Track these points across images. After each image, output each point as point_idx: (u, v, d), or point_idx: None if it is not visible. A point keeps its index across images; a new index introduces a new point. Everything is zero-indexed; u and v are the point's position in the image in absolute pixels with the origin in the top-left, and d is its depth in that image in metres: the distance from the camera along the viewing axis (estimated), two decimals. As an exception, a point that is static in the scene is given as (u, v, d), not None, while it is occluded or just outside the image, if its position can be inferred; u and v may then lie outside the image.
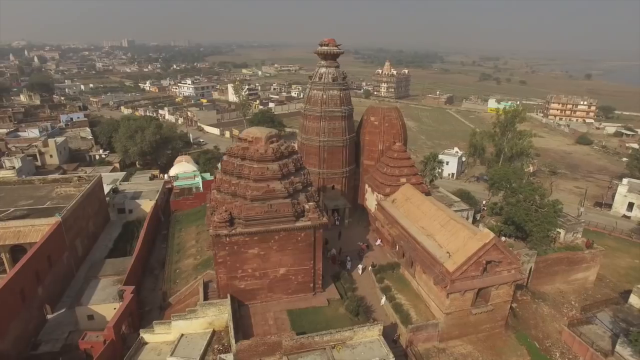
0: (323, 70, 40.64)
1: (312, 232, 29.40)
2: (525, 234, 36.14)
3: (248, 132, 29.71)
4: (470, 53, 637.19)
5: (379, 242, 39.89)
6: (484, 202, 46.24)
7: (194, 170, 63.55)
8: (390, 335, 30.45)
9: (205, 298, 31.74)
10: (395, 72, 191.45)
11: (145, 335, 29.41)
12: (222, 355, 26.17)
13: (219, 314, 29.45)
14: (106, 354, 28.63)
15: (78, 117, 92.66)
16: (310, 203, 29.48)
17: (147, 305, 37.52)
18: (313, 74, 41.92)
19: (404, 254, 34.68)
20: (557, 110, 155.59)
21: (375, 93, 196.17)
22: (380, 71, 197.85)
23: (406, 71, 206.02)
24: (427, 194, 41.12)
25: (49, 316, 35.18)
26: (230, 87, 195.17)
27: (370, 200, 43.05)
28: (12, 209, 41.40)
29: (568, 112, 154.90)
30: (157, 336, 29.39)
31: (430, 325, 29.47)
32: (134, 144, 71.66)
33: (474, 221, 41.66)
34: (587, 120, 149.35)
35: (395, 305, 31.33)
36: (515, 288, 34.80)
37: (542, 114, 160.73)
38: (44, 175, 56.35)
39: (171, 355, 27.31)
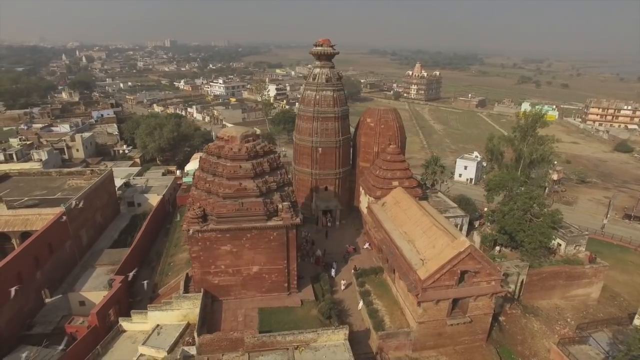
0: (317, 70, 40.63)
1: (285, 231, 29.49)
2: (517, 244, 34.45)
3: (225, 131, 30.25)
4: (513, 55, 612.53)
5: (367, 245, 39.37)
6: (485, 209, 44.42)
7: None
8: (364, 340, 30.09)
9: (186, 291, 32.53)
10: (425, 74, 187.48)
11: (124, 324, 30.55)
12: (186, 348, 26.77)
13: (193, 308, 30.08)
14: (88, 339, 29.96)
15: (108, 114, 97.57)
16: (285, 203, 29.57)
17: (139, 296, 38.94)
18: (308, 74, 41.92)
19: (387, 259, 34.01)
20: (597, 115, 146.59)
21: (405, 95, 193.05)
22: (410, 73, 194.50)
23: (437, 73, 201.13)
24: (421, 198, 40.19)
25: (47, 300, 37.32)
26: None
27: (364, 202, 42.53)
28: (26, 199, 44.32)
29: (609, 118, 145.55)
30: (134, 325, 30.43)
31: (401, 333, 28.75)
32: (153, 140, 74.55)
33: (471, 229, 40.14)
34: (630, 127, 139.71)
35: (370, 311, 30.82)
36: (503, 301, 33.54)
37: (580, 119, 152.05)
38: (67, 168, 59.92)
39: (143, 344, 28.18)
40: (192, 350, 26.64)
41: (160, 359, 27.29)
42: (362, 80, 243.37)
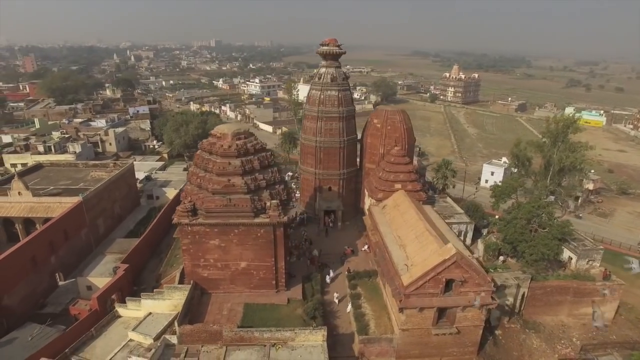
0: (323, 70, 40.55)
1: (272, 229, 29.68)
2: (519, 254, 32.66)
3: (218, 128, 30.93)
4: (565, 57, 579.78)
5: (365, 247, 38.83)
6: (497, 217, 42.33)
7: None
8: (348, 344, 29.74)
9: (181, 283, 33.64)
10: (463, 76, 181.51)
11: (120, 309, 32.04)
12: (168, 336, 27.63)
13: (183, 298, 30.99)
14: (88, 321, 31.67)
15: (143, 110, 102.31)
16: (274, 201, 29.77)
17: (144, 284, 40.62)
18: (314, 73, 41.95)
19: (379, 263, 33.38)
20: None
21: (441, 97, 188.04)
22: (447, 75, 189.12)
23: (476, 75, 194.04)
24: (425, 202, 39.10)
25: (61, 283, 39.83)
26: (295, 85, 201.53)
27: (367, 204, 41.94)
28: (52, 187, 47.46)
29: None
30: (129, 311, 31.83)
31: (384, 339, 28.16)
32: (179, 136, 77.34)
33: (479, 236, 38.46)
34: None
35: (357, 314, 30.45)
36: (501, 314, 32.00)
37: (631, 126, 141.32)
38: (98, 161, 63.63)
39: (133, 329, 29.46)
40: (174, 340, 27.50)
41: (146, 345, 28.37)
42: (399, 82, 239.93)
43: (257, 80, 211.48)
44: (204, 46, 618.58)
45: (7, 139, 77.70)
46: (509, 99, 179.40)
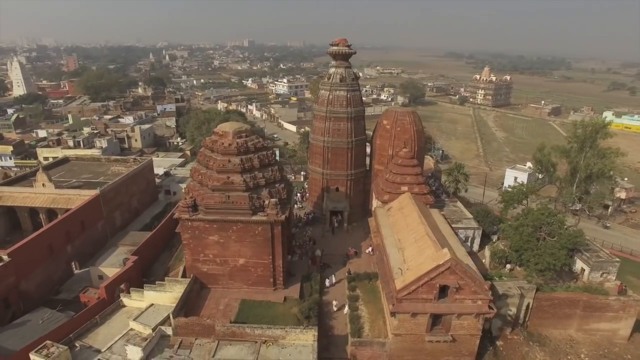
0: (332, 70, 40.49)
1: (270, 227, 29.93)
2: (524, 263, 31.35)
3: (221, 127, 31.53)
4: (609, 58, 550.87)
5: (369, 249, 38.44)
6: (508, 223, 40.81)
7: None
8: (342, 345, 29.57)
9: (184, 276, 34.52)
10: (494, 78, 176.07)
11: (124, 299, 33.18)
12: (164, 327, 28.39)
13: (182, 291, 31.83)
14: (95, 309, 33.05)
15: (170, 108, 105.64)
16: (272, 199, 30.02)
17: (154, 277, 41.91)
18: (325, 73, 41.94)
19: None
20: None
21: (471, 100, 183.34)
22: (477, 77, 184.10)
23: (508, 77, 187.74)
24: (433, 206, 38.30)
25: (76, 271, 41.76)
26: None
27: (374, 206, 41.53)
28: (74, 180, 49.88)
29: None
30: (133, 301, 32.91)
31: (376, 343, 27.81)
32: (200, 134, 79.24)
33: (486, 243, 37.19)
34: None
35: (352, 316, 30.21)
36: (503, 324, 30.90)
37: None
38: (123, 156, 66.32)
39: (134, 319, 30.44)
40: (169, 331, 28.26)
41: (145, 335, 29.27)
42: (428, 84, 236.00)
43: (285, 80, 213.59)
44: (237, 46, 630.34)
45: (42, 133, 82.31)
46: (542, 102, 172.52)
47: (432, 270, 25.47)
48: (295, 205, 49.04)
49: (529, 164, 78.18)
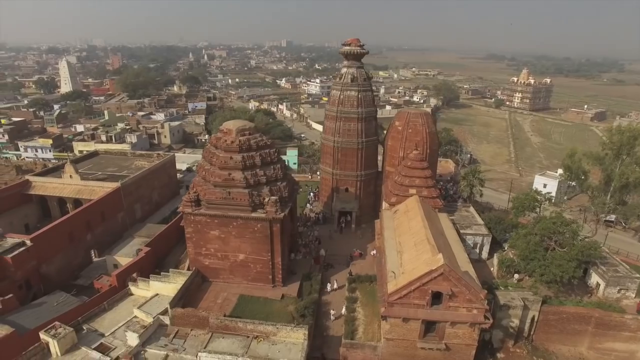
0: (344, 70, 40.34)
1: (268, 224, 30.26)
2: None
3: (225, 124, 32.25)
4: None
5: (374, 252, 37.98)
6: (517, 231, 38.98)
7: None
8: (336, 347, 29.43)
9: (190, 269, 35.57)
10: (532, 81, 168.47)
11: (132, 288, 34.63)
12: (162, 316, 29.38)
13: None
14: (106, 295, 34.68)
15: (201, 106, 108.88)
16: (273, 197, 30.35)
17: (166, 268, 43.38)
18: (336, 73, 41.88)
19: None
20: None
21: (507, 103, 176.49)
22: (515, 79, 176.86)
23: (548, 80, 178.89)
24: (442, 210, 37.38)
25: (95, 259, 43.98)
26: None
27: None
28: (99, 173, 52.52)
29: None
30: (140, 290, 34.30)
31: (367, 346, 27.49)
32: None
33: (497, 250, 35.76)
34: None
35: (348, 318, 30.04)
36: (504, 336, 29.69)
37: None
38: (150, 151, 69.12)
39: (138, 307, 31.77)
40: (167, 320, 29.23)
41: (146, 323, 30.43)
42: (464, 86, 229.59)
43: (317, 80, 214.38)
44: (274, 46, 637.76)
45: (80, 128, 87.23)
46: (585, 106, 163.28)
47: (425, 275, 24.88)
48: (308, 205, 49.33)
49: (560, 171, 74.29)
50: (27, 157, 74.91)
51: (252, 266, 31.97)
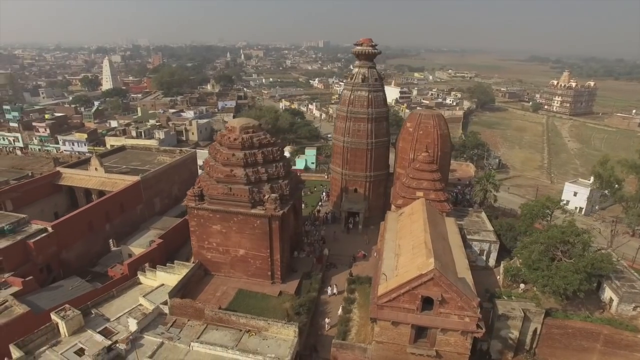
0: (355, 70, 40.19)
1: (267, 221, 30.70)
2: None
3: (230, 122, 33.03)
4: None
5: (375, 253, 37.55)
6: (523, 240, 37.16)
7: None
8: (329, 346, 29.41)
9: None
10: (574, 84, 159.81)
11: (141, 277, 36.13)
12: (162, 305, 30.47)
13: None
14: (117, 283, 36.43)
15: (230, 104, 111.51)
16: (273, 194, 30.77)
17: (178, 260, 44.86)
18: (348, 73, 41.77)
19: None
20: None
21: (545, 107, 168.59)
22: (555, 82, 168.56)
23: (592, 83, 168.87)
24: (449, 214, 36.47)
25: (113, 248, 46.19)
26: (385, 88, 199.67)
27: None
28: (124, 167, 55.08)
29: None
30: (147, 280, 35.73)
31: (357, 347, 27.26)
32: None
33: (504, 258, 34.33)
34: None
35: (343, 319, 29.95)
36: (503, 347, 28.59)
37: None
38: (176, 148, 71.68)
39: (143, 296, 33.12)
40: (165, 309, 30.30)
41: (148, 311, 31.68)
42: (501, 89, 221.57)
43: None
44: (311, 47, 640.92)
45: (114, 124, 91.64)
46: (634, 111, 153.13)
47: (414, 280, 24.41)
48: (320, 204, 49.50)
49: (592, 179, 70.37)
50: (65, 150, 79.69)
51: (252, 262, 32.53)
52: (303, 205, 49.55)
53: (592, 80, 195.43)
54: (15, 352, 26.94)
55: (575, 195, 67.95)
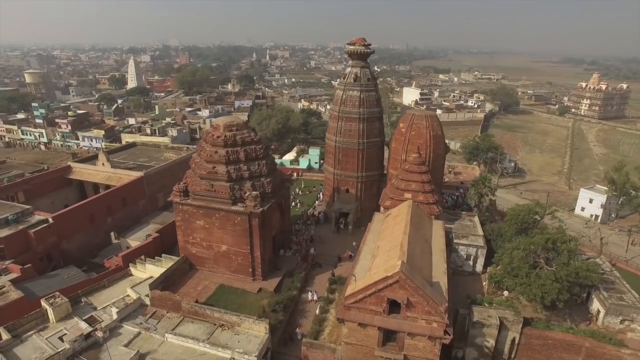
0: (348, 69, 40.06)
1: (247, 218, 31.07)
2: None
3: (216, 120, 33.54)
4: None
5: (361, 255, 37.26)
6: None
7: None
8: (303, 344, 29.53)
9: (186, 257, 37.52)
10: (604, 86, 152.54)
11: (132, 269, 37.30)
12: (143, 296, 31.35)
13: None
14: (110, 274, 37.77)
15: (246, 104, 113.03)
16: (254, 192, 31.14)
17: (174, 254, 46.01)
18: (341, 73, 41.64)
19: (358, 271, 31.94)
20: None
21: (573, 110, 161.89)
22: (583, 84, 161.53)
23: (624, 86, 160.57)
24: (438, 217, 35.84)
25: (114, 241, 47.79)
26: (406, 90, 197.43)
27: (382, 212, 40.09)
28: (130, 162, 56.93)
29: None
30: (137, 272, 36.88)
31: (327, 347, 27.23)
32: (260, 129, 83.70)
33: (491, 264, 33.23)
34: None
35: (318, 318, 29.98)
36: (479, 355, 27.82)
37: None
38: (187, 145, 73.39)
39: (131, 287, 34.21)
40: (147, 301, 31.17)
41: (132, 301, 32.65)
42: (527, 92, 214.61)
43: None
44: (338, 47, 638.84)
45: (132, 121, 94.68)
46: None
47: (380, 282, 24.17)
48: (315, 203, 49.56)
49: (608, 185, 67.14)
50: (84, 146, 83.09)
51: (234, 258, 33.01)
52: (300, 204, 50.03)
53: (628, 82, 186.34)
54: (3, 335, 28.41)
55: (591, 202, 65.06)
